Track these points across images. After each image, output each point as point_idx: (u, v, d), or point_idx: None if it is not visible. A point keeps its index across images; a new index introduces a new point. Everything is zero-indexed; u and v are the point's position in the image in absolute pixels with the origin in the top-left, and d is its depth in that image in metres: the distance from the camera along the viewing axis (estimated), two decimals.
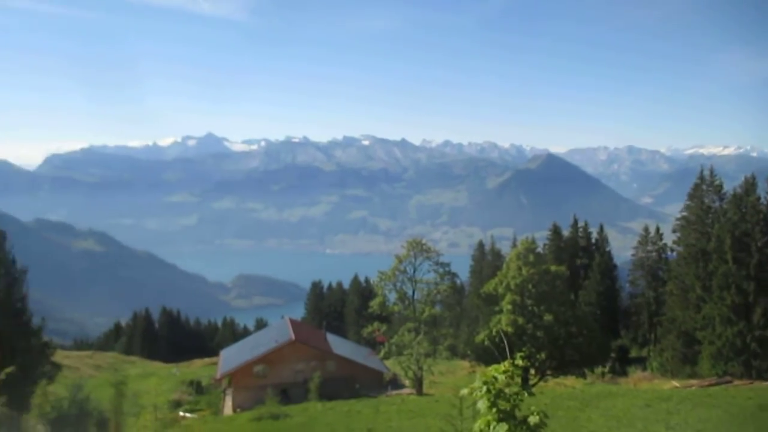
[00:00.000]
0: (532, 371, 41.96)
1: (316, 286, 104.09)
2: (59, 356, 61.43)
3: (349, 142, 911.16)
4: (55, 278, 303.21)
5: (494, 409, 7.03)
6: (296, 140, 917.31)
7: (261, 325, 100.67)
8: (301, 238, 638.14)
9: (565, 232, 73.33)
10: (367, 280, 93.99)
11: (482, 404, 7.09)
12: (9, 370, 29.03)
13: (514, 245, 56.88)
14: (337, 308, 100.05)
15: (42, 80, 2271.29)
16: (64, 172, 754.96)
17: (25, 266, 42.22)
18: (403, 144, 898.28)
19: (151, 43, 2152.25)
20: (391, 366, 52.26)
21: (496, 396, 7.06)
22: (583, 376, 49.66)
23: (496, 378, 7.12)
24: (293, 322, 57.48)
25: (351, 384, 48.41)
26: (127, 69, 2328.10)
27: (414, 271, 45.56)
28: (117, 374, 46.97)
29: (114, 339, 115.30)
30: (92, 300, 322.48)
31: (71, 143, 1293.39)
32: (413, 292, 45.87)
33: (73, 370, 69.07)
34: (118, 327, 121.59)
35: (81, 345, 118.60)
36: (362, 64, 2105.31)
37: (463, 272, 75.54)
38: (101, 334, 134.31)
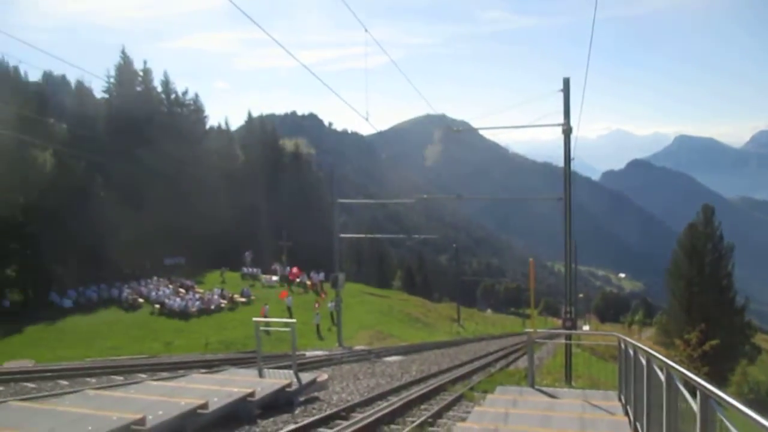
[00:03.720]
0: None
1: None
2: (759, 339, 60.18)
3: None
4: (760, 258, 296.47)
5: None
6: None
7: None
8: None
9: None
10: None
11: None
12: (713, 342, 30.07)
13: None
14: None
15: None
16: None
17: (731, 243, 43.15)
18: None
19: None
20: None
21: None
22: None
23: None
24: None
25: None
26: None
27: None
28: None
29: None
30: None
31: None
32: None
33: None
34: None
35: None
36: None
37: None
38: None
